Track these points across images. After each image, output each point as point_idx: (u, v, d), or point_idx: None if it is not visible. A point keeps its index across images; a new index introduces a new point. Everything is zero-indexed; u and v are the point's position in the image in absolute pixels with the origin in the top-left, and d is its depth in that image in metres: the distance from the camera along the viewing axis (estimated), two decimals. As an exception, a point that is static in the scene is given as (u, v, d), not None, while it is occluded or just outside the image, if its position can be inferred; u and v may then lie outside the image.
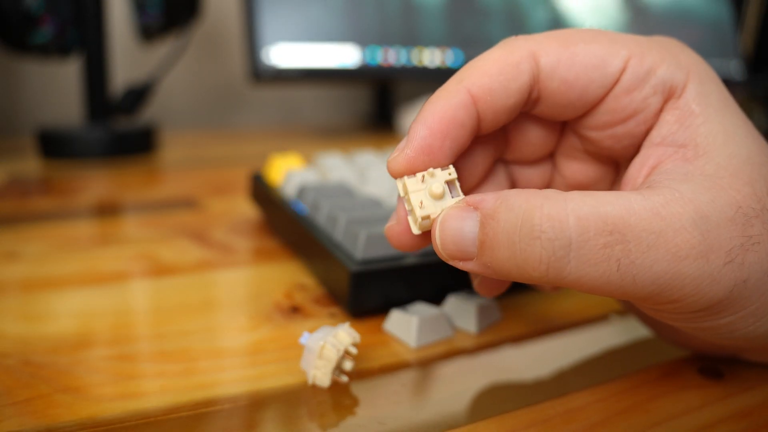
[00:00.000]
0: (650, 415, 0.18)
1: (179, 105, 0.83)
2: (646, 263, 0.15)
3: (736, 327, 0.17)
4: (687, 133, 0.17)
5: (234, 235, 0.35)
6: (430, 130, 0.17)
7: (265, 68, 0.63)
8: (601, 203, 0.15)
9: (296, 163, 0.36)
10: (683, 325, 0.18)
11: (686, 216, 0.15)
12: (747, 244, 0.15)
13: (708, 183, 0.16)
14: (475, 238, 0.16)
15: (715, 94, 0.18)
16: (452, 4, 0.71)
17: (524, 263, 0.15)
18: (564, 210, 0.15)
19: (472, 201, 0.16)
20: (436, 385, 0.20)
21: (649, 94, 0.18)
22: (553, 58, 0.18)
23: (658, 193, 0.15)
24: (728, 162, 0.16)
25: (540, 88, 0.18)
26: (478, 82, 0.17)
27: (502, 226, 0.15)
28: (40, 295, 0.26)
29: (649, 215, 0.15)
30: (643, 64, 0.18)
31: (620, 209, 0.15)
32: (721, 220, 0.15)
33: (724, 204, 0.16)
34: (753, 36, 1.02)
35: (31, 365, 0.20)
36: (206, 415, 0.18)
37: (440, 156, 0.17)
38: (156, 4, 0.59)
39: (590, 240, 0.14)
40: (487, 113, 0.18)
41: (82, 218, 0.38)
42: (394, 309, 0.23)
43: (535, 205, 0.15)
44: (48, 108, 0.75)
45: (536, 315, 0.25)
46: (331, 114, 0.94)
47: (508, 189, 0.21)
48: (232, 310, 0.25)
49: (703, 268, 0.15)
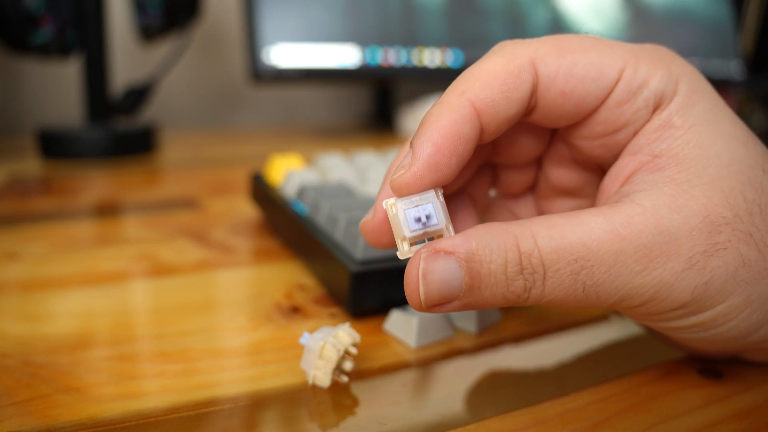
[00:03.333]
0: (650, 415, 0.18)
1: (179, 105, 0.83)
2: (607, 281, 0.16)
3: (707, 326, 0.17)
4: (664, 145, 0.18)
5: (234, 235, 0.35)
6: (437, 146, 0.17)
7: (265, 68, 0.63)
8: (565, 234, 0.16)
9: (296, 163, 0.36)
10: (657, 326, 0.18)
11: (646, 232, 0.16)
12: (711, 250, 0.16)
13: (675, 192, 0.17)
14: (461, 284, 0.16)
15: (702, 104, 0.18)
16: (452, 4, 0.71)
17: (511, 295, 0.16)
18: (536, 246, 0.16)
19: (442, 248, 0.16)
20: (436, 385, 0.20)
21: (641, 106, 0.18)
22: (552, 68, 0.18)
23: (621, 210, 0.17)
24: (701, 171, 0.17)
25: (537, 97, 0.18)
26: (482, 95, 0.17)
27: (488, 269, 0.16)
28: (40, 295, 0.26)
29: (609, 238, 0.16)
30: (637, 75, 0.18)
31: (582, 236, 0.16)
32: (682, 232, 0.16)
33: (690, 213, 0.16)
34: (753, 36, 1.02)
35: (31, 365, 0.20)
36: (206, 416, 0.18)
37: (447, 172, 0.17)
38: (156, 4, 0.59)
39: (560, 270, 0.16)
40: (490, 125, 0.17)
41: (82, 218, 0.38)
42: (394, 309, 0.23)
43: (513, 246, 0.16)
44: (48, 108, 0.75)
45: (536, 315, 0.25)
46: (331, 114, 0.94)
47: (477, 211, 0.22)
48: (232, 310, 0.25)
49: (660, 276, 0.16)
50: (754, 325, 0.17)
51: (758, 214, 0.17)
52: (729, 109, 0.18)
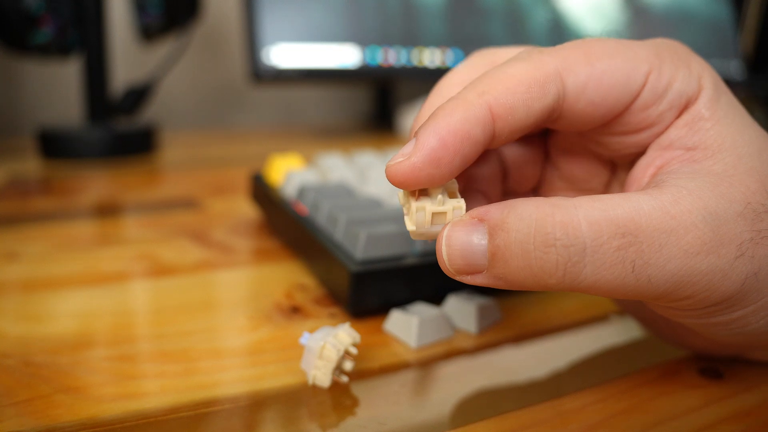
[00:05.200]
0: (650, 415, 0.18)
1: (179, 105, 0.83)
2: (659, 262, 0.15)
3: (748, 321, 0.17)
4: (696, 137, 0.17)
5: (234, 235, 0.35)
6: (443, 142, 0.16)
7: (265, 68, 0.63)
8: (610, 207, 0.15)
9: (296, 163, 0.36)
10: (696, 322, 0.17)
11: (695, 213, 0.15)
12: (757, 238, 0.16)
13: (716, 180, 0.16)
14: (485, 251, 0.15)
15: (724, 98, 0.18)
16: (452, 4, 0.71)
17: (540, 271, 0.15)
18: (575, 216, 0.15)
19: (477, 214, 0.16)
20: (436, 385, 0.20)
21: (666, 108, 0.17)
22: (581, 78, 0.17)
23: (666, 192, 0.16)
24: (737, 161, 0.17)
25: (564, 108, 0.17)
26: (502, 99, 0.16)
27: (514, 237, 0.15)
28: (40, 295, 0.26)
29: (659, 215, 0.15)
30: (662, 78, 0.17)
31: (630, 211, 0.15)
32: (730, 216, 0.15)
33: (733, 200, 0.16)
34: (753, 36, 1.02)
35: (31, 365, 0.20)
36: (206, 416, 0.18)
37: (447, 171, 0.16)
38: (156, 4, 0.59)
39: (604, 244, 0.15)
40: (504, 131, 0.17)
41: (83, 218, 0.38)
42: (394, 309, 0.23)
43: (547, 213, 0.15)
44: (48, 108, 0.75)
45: (536, 315, 0.25)
46: (331, 114, 0.94)
47: (501, 175, 0.21)
48: (232, 310, 0.25)
49: (715, 263, 0.15)
50: None
51: None
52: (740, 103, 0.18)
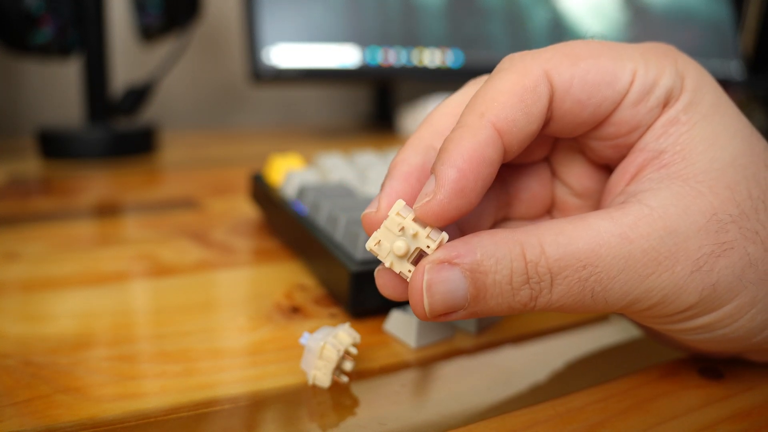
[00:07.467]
0: (650, 415, 0.18)
1: (179, 105, 0.83)
2: (616, 286, 0.16)
3: (714, 327, 0.17)
4: (669, 140, 0.18)
5: (234, 235, 0.35)
6: (462, 172, 0.16)
7: (265, 68, 0.63)
8: (573, 240, 0.16)
9: (296, 163, 0.36)
10: (663, 328, 0.18)
11: (654, 234, 0.16)
12: (718, 251, 0.16)
13: (683, 190, 0.17)
14: (465, 295, 0.16)
15: (708, 99, 0.18)
16: (452, 4, 0.71)
17: (515, 304, 0.16)
18: (543, 254, 0.16)
19: (446, 257, 0.16)
20: (436, 385, 0.20)
21: (654, 105, 0.18)
22: (566, 77, 0.17)
23: (628, 212, 0.16)
24: (709, 166, 0.17)
25: (553, 108, 0.17)
26: (502, 115, 0.17)
27: (492, 279, 0.16)
28: (40, 295, 0.26)
29: (617, 242, 0.16)
30: (648, 75, 0.17)
31: (591, 242, 0.16)
32: (690, 232, 0.16)
33: (697, 212, 0.16)
34: (753, 36, 1.02)
35: (31, 365, 0.20)
36: (206, 416, 0.18)
37: (473, 196, 0.16)
38: (156, 4, 0.59)
39: (568, 277, 0.16)
40: (513, 144, 0.17)
41: (83, 218, 0.38)
42: (394, 309, 0.23)
43: (519, 255, 0.16)
44: (48, 108, 0.75)
45: (536, 315, 0.25)
46: (331, 114, 0.94)
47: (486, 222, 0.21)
48: (232, 310, 0.25)
49: (669, 279, 0.16)
50: (760, 325, 0.17)
51: (763, 211, 0.17)
52: (732, 103, 0.18)
